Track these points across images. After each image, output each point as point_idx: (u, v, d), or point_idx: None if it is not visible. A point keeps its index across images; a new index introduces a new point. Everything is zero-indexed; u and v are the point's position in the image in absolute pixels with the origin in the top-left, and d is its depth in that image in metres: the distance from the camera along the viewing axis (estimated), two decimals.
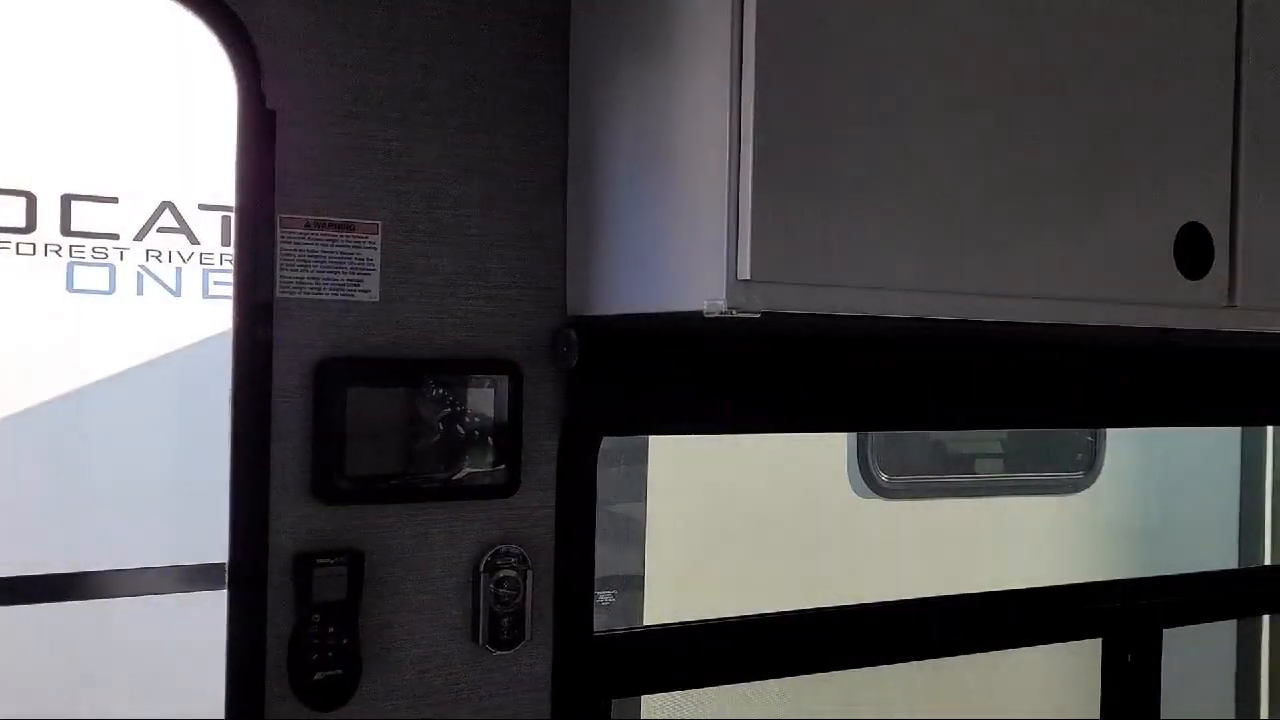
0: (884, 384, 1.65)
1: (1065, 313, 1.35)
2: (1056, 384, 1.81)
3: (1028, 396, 1.78)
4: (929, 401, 1.69)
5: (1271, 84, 1.43)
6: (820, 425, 1.67)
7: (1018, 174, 1.27)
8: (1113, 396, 1.87)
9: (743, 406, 1.53)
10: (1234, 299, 1.42)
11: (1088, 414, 1.92)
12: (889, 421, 1.82)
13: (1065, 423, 2.03)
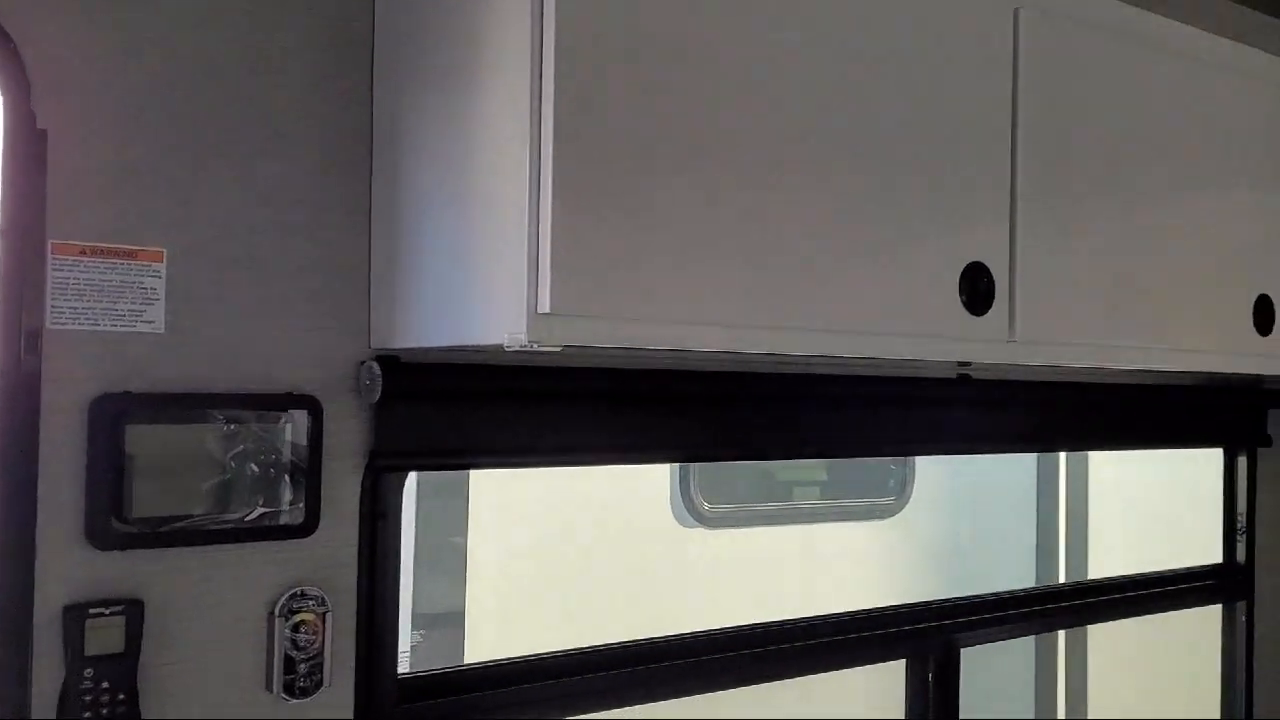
0: (702, 415, 1.68)
1: (862, 346, 1.40)
2: (868, 415, 1.88)
3: (842, 427, 1.84)
4: (749, 432, 1.73)
5: (1043, 135, 1.53)
6: (636, 457, 1.68)
7: (818, 215, 1.31)
8: (919, 426, 1.96)
9: (557, 439, 1.53)
10: (1014, 334, 1.50)
11: (897, 444, 2.00)
12: (707, 453, 1.85)
13: (876, 452, 2.12)
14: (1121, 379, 2.25)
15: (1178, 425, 2.41)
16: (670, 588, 2.92)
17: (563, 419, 1.52)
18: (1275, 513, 2.68)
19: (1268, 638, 2.64)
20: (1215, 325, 1.79)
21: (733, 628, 1.80)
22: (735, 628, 1.80)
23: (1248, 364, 1.89)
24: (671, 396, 1.64)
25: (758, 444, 1.77)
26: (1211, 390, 2.44)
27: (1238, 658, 2.57)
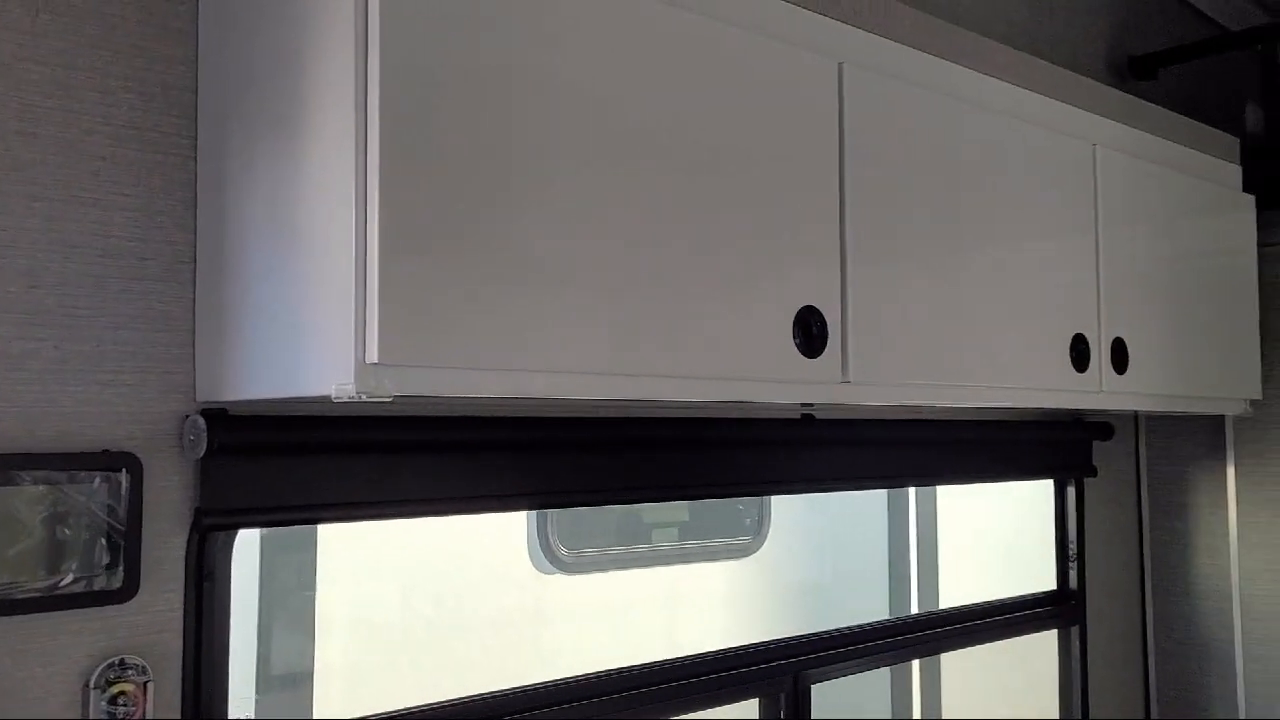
0: (554, 461, 1.67)
1: (701, 391, 1.42)
2: (720, 457, 1.90)
3: (695, 469, 1.86)
4: (602, 477, 1.73)
5: (870, 184, 1.60)
6: (485, 507, 1.65)
7: (654, 261, 1.33)
8: (768, 467, 1.99)
9: (401, 491, 1.50)
10: (848, 375, 1.55)
11: (748, 485, 2.03)
12: (560, 500, 1.84)
13: (728, 493, 2.13)
14: (959, 415, 2.35)
15: (1012, 459, 2.53)
16: (529, 636, 2.88)
17: (407, 470, 1.50)
18: (1102, 540, 2.82)
19: (1098, 658, 2.77)
20: (1036, 363, 1.89)
21: (582, 675, 1.79)
22: (584, 675, 1.79)
23: (1068, 399, 1.99)
24: (522, 444, 1.63)
25: (611, 489, 1.77)
26: (1041, 425, 2.57)
27: (1073, 677, 2.69)
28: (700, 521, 3.38)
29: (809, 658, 2.08)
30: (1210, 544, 2.83)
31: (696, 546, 3.32)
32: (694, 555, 3.30)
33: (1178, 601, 2.89)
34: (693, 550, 3.31)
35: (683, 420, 1.83)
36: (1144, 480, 2.94)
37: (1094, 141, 2.02)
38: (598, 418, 1.71)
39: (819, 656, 2.10)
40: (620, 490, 1.80)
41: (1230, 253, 2.44)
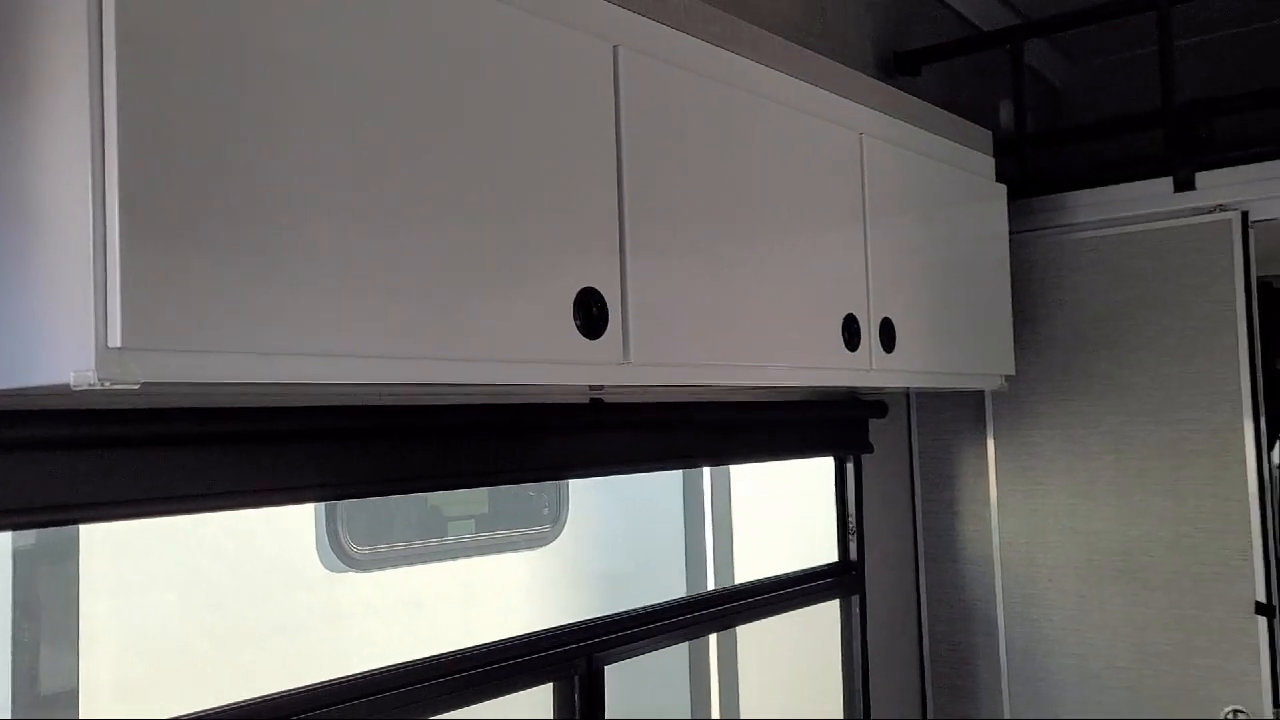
0: (335, 451, 1.61)
1: (481, 373, 1.41)
2: (509, 443, 1.89)
3: (483, 456, 1.84)
4: (387, 467, 1.69)
5: (648, 168, 1.62)
6: (257, 501, 1.58)
7: (424, 242, 1.30)
8: (559, 451, 2.00)
9: (161, 487, 1.41)
10: (629, 356, 1.57)
11: (538, 470, 2.02)
12: (343, 492, 1.78)
13: (519, 479, 2.13)
14: (743, 397, 2.43)
15: (795, 438, 2.63)
16: (323, 639, 2.79)
17: (166, 464, 1.41)
18: (879, 513, 2.98)
19: (877, 623, 2.93)
20: (811, 343, 1.97)
21: (371, 670, 1.74)
22: (373, 670, 1.74)
23: (842, 377, 2.08)
24: (303, 434, 1.57)
25: (399, 478, 1.73)
26: (821, 405, 2.68)
27: (854, 645, 2.83)
28: (497, 513, 3.36)
29: (601, 640, 2.10)
30: (974, 511, 3.03)
31: (494, 538, 3.29)
32: (491, 547, 3.28)
33: (947, 567, 3.08)
34: (490, 542, 3.28)
35: (471, 407, 1.81)
36: (915, 454, 3.13)
37: (861, 131, 2.12)
38: (382, 405, 1.67)
39: (611, 638, 2.12)
40: (409, 479, 1.77)
41: (985, 239, 2.62)
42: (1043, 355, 2.89)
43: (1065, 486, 2.88)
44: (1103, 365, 2.81)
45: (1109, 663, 2.81)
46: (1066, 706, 2.87)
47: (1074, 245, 2.86)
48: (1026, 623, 2.94)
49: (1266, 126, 2.66)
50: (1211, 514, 2.67)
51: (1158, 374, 2.73)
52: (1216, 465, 2.66)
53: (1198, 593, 2.68)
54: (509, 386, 1.71)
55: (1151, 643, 2.74)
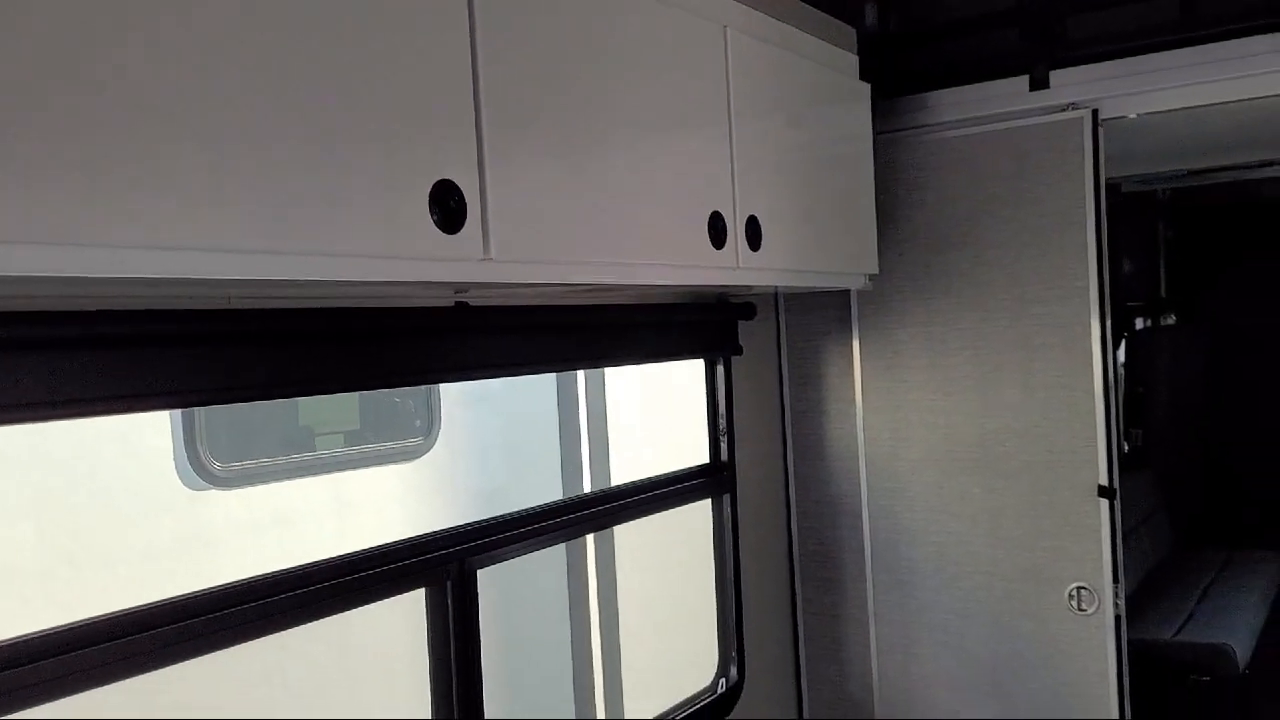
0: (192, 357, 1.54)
1: (334, 269, 1.35)
2: (372, 348, 1.83)
3: (345, 361, 1.78)
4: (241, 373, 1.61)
5: (504, 58, 1.56)
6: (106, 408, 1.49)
7: (267, 131, 1.23)
8: (422, 356, 1.95)
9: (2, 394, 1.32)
10: (489, 252, 1.53)
11: (400, 375, 1.97)
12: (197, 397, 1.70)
13: (383, 384, 2.08)
14: (612, 300, 2.41)
15: (665, 340, 2.64)
16: (187, 560, 2.70)
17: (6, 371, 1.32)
18: (749, 413, 3.03)
19: (748, 520, 3.00)
20: (677, 240, 1.96)
21: (241, 580, 1.70)
22: (243, 580, 1.70)
23: (709, 275, 2.09)
24: (147, 338, 1.48)
25: (258, 385, 1.66)
26: (691, 307, 2.69)
27: (725, 540, 2.89)
28: (368, 427, 3.29)
29: (473, 545, 2.09)
30: (840, 410, 3.11)
31: (363, 452, 3.24)
32: (362, 461, 3.22)
33: (814, 464, 3.17)
34: (361, 456, 3.22)
35: (331, 311, 1.75)
36: (784, 356, 3.18)
37: (725, 24, 2.09)
38: (236, 310, 1.60)
39: (483, 542, 2.11)
40: (266, 386, 1.70)
41: (849, 138, 2.64)
42: (905, 255, 2.95)
43: (926, 383, 2.98)
44: (962, 264, 2.89)
45: (966, 549, 2.95)
46: (926, 591, 3.00)
47: (936, 145, 2.91)
48: (889, 515, 3.06)
49: (1119, 25, 2.73)
50: (1060, 405, 2.80)
51: (1013, 270, 2.82)
52: (1065, 358, 2.78)
53: (1046, 479, 2.82)
54: (368, 287, 1.66)
55: (1005, 528, 2.89)
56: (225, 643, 1.66)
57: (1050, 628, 2.83)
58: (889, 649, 3.07)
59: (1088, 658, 2.79)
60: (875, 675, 3.09)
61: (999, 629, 2.90)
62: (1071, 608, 2.79)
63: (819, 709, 3.20)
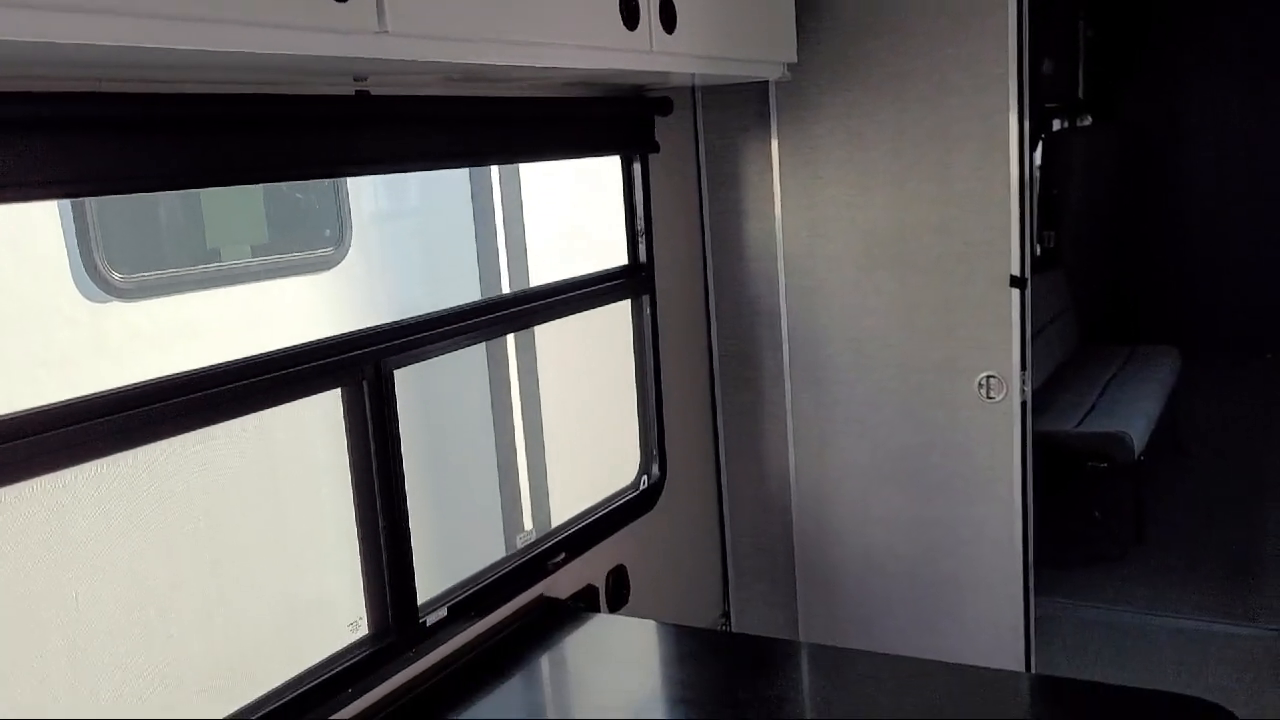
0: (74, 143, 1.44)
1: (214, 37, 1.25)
2: (271, 137, 1.74)
3: (243, 152, 1.69)
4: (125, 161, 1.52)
5: None
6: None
7: None
8: (320, 148, 1.86)
9: None
10: (385, 24, 1.43)
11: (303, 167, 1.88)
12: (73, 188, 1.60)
13: (282, 176, 1.99)
14: (521, 89, 2.31)
15: (579, 135, 2.56)
16: (93, 372, 2.63)
17: None
18: (668, 214, 2.99)
19: (668, 322, 3.01)
20: (586, 21, 1.86)
21: (153, 379, 1.66)
22: (155, 379, 1.66)
23: (621, 59, 2.00)
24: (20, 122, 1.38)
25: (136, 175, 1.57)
26: (605, 101, 2.60)
27: (645, 341, 2.91)
28: (276, 238, 3.19)
29: (388, 345, 2.06)
30: (759, 209, 3.09)
31: (274, 262, 3.14)
32: (271, 271, 3.13)
33: (733, 265, 3.16)
34: (270, 266, 3.13)
35: (223, 97, 1.64)
36: (702, 154, 3.12)
37: None
38: (125, 94, 1.49)
39: (399, 343, 2.08)
40: (151, 176, 1.60)
41: None
42: (824, 44, 2.87)
43: (844, 178, 2.95)
44: (881, 52, 2.83)
45: (882, 343, 3.00)
46: (842, 387, 3.07)
47: None
48: (807, 314, 3.09)
49: None
50: (976, 197, 2.81)
51: (932, 58, 2.77)
52: (982, 149, 2.77)
53: (960, 271, 2.86)
54: (257, 70, 1.55)
55: (919, 321, 2.94)
56: (135, 442, 1.63)
57: (960, 416, 2.93)
58: (805, 443, 3.16)
59: (994, 444, 2.91)
60: (792, 469, 3.19)
61: (911, 419, 2.99)
62: (980, 396, 2.88)
63: (739, 503, 3.31)
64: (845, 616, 3.18)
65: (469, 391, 3.53)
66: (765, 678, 2.08)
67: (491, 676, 2.17)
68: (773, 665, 2.17)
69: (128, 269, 2.67)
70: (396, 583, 2.09)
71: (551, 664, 2.31)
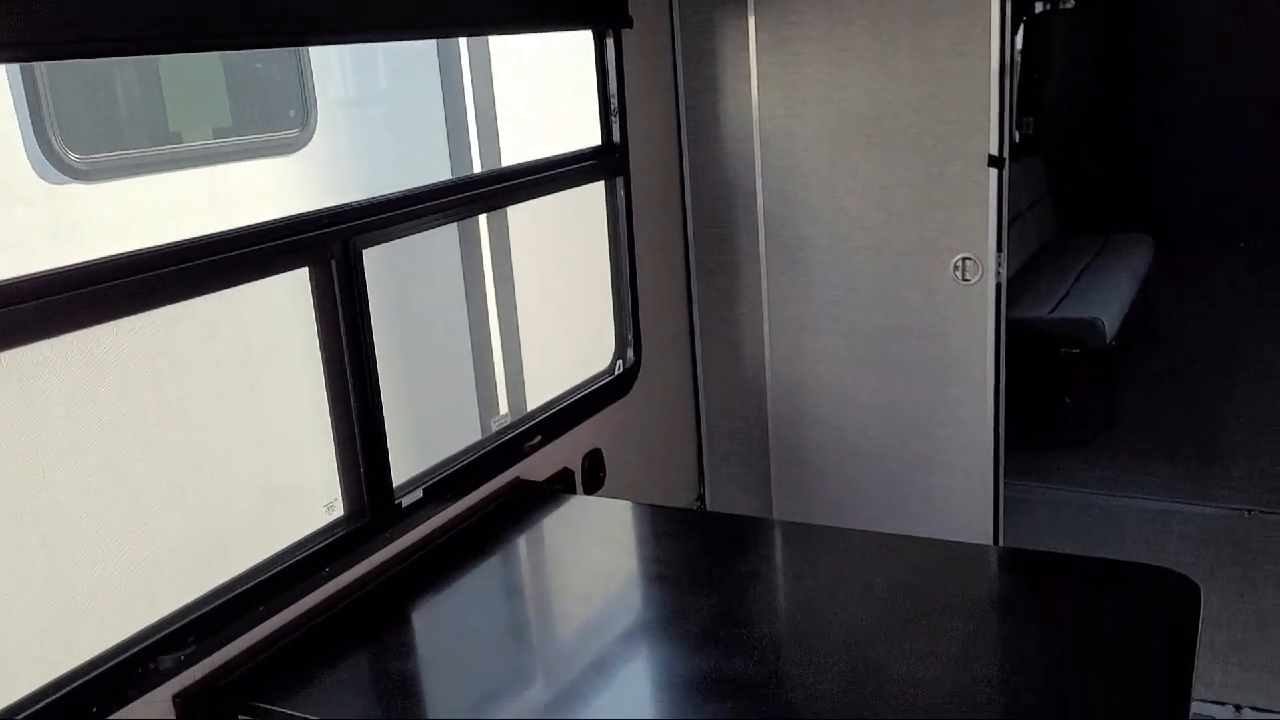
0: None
1: None
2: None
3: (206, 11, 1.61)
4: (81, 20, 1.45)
5: None
6: None
7: None
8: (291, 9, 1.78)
9: None
10: None
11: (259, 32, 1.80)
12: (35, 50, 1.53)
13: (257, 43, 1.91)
14: None
15: (548, 8, 2.47)
16: (44, 250, 2.56)
17: None
18: (642, 93, 2.92)
19: (642, 203, 2.96)
20: None
21: (117, 254, 1.62)
22: (118, 254, 1.62)
23: None
24: None
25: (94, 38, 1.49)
26: None
27: (620, 222, 2.87)
28: (239, 120, 3.09)
29: (357, 223, 2.01)
30: (735, 88, 3.02)
31: (237, 143, 3.06)
32: (235, 153, 3.04)
33: (709, 146, 3.11)
34: (233, 148, 3.05)
35: None
36: (677, 30, 3.03)
37: None
38: None
39: (368, 221, 2.04)
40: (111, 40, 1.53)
41: None
42: None
43: (823, 55, 2.88)
44: None
45: (858, 224, 2.97)
46: (818, 269, 3.05)
47: None
48: (784, 193, 3.05)
49: None
50: (956, 74, 2.75)
51: None
52: (963, 25, 2.71)
53: (938, 151, 2.82)
54: None
55: (895, 201, 2.91)
56: (97, 319, 1.59)
57: (936, 299, 2.93)
58: (781, 327, 3.15)
59: (969, 326, 2.91)
60: (768, 352, 3.19)
61: (887, 302, 2.99)
62: (956, 278, 2.88)
63: (714, 387, 3.32)
64: (818, 498, 3.23)
65: (442, 275, 3.49)
66: (739, 554, 2.10)
67: (469, 556, 2.18)
68: (746, 542, 2.19)
69: (85, 149, 2.59)
70: (371, 464, 2.08)
71: (528, 543, 2.33)
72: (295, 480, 2.63)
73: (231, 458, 2.63)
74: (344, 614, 1.94)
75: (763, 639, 1.76)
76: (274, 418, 2.73)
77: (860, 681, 1.61)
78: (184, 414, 2.51)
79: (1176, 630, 1.64)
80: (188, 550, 2.39)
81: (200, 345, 2.54)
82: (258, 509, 2.61)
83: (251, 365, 2.74)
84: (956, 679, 1.61)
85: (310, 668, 1.79)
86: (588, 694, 1.66)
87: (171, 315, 1.86)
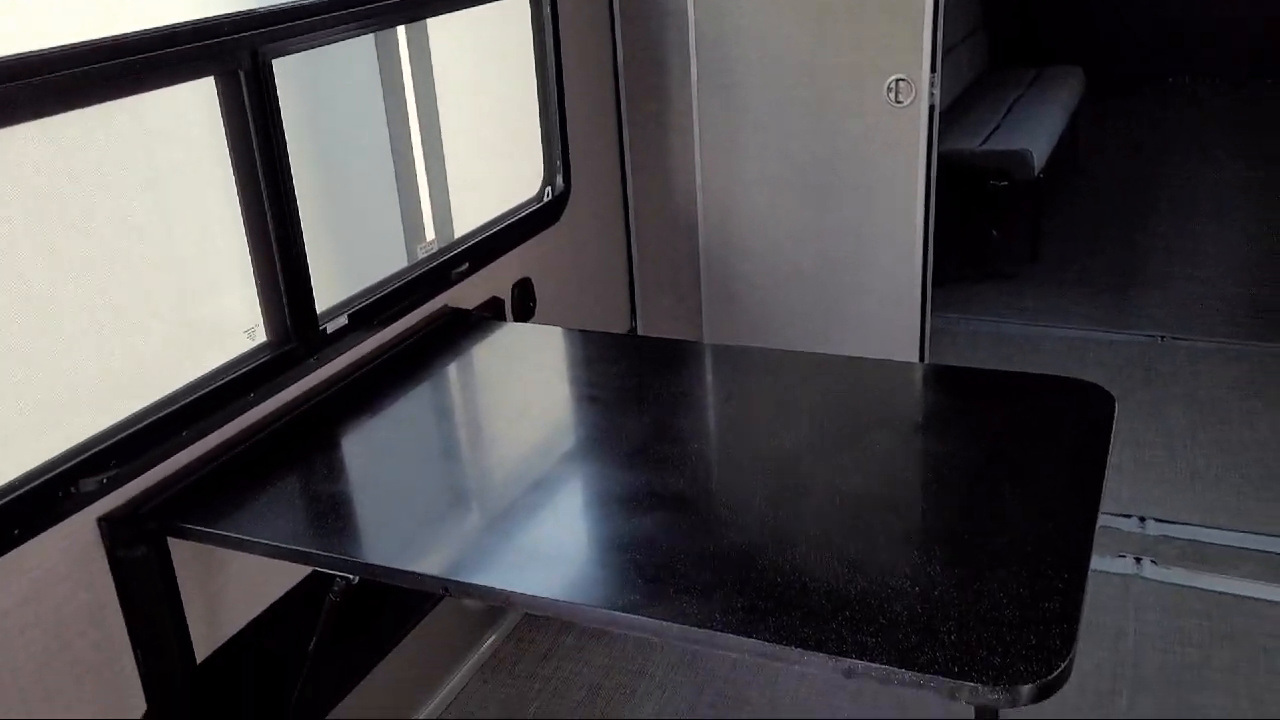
0: None
1: None
2: None
3: None
4: None
5: None
6: None
7: None
8: None
9: None
10: None
11: None
12: None
13: None
14: None
15: None
16: None
17: None
18: None
19: (570, 27, 2.84)
20: None
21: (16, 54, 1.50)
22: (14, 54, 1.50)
23: None
24: None
25: None
26: None
27: (548, 47, 2.76)
28: None
29: (265, 30, 1.89)
30: None
31: None
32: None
33: None
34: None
35: None
36: None
37: None
38: None
39: (277, 29, 1.92)
40: None
41: None
42: None
43: None
44: None
45: (791, 46, 2.89)
46: (750, 92, 2.98)
47: None
48: (716, 14, 2.94)
49: None
50: None
51: None
52: None
53: None
54: None
55: (830, 21, 2.82)
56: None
57: (868, 122, 2.88)
58: (712, 155, 3.10)
59: (901, 150, 2.89)
60: (699, 179, 3.14)
61: (820, 125, 2.94)
62: (889, 100, 2.83)
63: (645, 215, 3.28)
64: (750, 326, 3.24)
65: (360, 94, 3.33)
66: (671, 376, 2.11)
67: (398, 382, 2.16)
68: (678, 364, 2.20)
69: None
70: (293, 288, 2.02)
71: (459, 369, 2.31)
72: (215, 308, 2.56)
73: (146, 281, 2.53)
74: (272, 439, 1.92)
75: (693, 456, 1.78)
76: (189, 240, 2.63)
77: (788, 494, 1.65)
78: (92, 232, 2.39)
79: (1092, 435, 1.69)
80: (106, 379, 2.32)
81: (102, 158, 2.41)
82: (179, 336, 2.54)
83: (161, 186, 2.61)
84: (880, 489, 1.65)
85: (239, 491, 1.77)
86: (521, 510, 1.67)
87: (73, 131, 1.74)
